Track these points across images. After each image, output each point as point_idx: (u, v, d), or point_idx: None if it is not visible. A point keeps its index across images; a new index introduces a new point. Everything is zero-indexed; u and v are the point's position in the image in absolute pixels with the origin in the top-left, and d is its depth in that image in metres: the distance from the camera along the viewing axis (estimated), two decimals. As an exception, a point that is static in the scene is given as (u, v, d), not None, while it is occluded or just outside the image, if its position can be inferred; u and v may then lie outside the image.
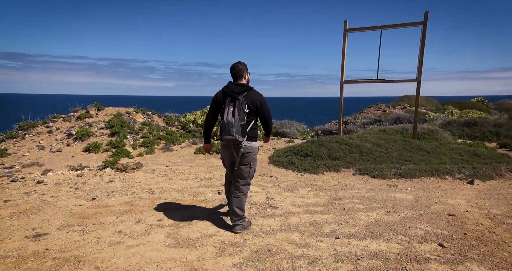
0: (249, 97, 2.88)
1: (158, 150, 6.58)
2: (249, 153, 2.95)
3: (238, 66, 2.95)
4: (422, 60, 8.31)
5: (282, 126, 11.76)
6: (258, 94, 2.96)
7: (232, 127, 2.75)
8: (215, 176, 4.95)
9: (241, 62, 2.99)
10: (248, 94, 2.89)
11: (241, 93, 2.86)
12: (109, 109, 8.33)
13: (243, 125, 2.80)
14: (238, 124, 2.76)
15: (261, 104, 2.92)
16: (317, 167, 5.56)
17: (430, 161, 5.92)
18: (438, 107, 18.43)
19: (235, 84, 2.93)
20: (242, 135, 2.79)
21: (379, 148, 6.51)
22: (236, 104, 2.82)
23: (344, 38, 9.07)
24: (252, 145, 2.96)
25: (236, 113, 2.78)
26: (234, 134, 2.75)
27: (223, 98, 2.92)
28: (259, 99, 2.92)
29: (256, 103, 2.89)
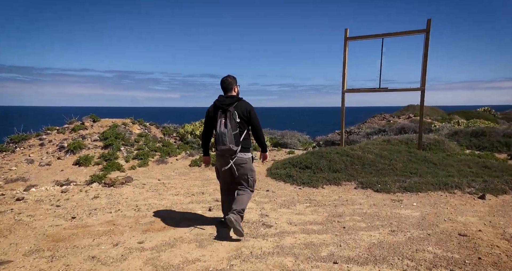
0: (239, 107, 3.01)
1: (152, 162, 6.35)
2: (244, 164, 3.05)
3: (228, 80, 3.11)
4: (425, 69, 8.08)
5: (283, 137, 11.50)
6: (247, 103, 3.10)
7: (225, 137, 2.87)
8: (208, 191, 4.68)
9: (230, 76, 3.15)
10: (237, 104, 3.02)
11: (231, 105, 2.99)
12: (105, 120, 8.17)
13: (236, 134, 2.92)
14: (231, 133, 2.88)
15: (250, 113, 3.04)
16: (316, 180, 5.27)
17: (437, 173, 5.59)
18: (444, 117, 18.07)
19: (225, 97, 3.07)
20: (236, 144, 2.91)
21: (382, 159, 6.21)
22: (227, 115, 2.94)
23: (345, 46, 8.91)
24: (245, 156, 3.05)
25: (228, 123, 2.90)
26: (228, 143, 2.87)
27: (214, 112, 3.05)
28: (248, 108, 3.05)
29: (246, 112, 3.01)
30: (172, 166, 6.32)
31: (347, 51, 8.95)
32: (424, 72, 8.03)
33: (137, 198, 4.13)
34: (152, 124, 9.77)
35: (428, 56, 7.99)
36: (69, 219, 3.38)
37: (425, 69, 8.02)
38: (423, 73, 8.06)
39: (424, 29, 7.97)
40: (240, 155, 3.02)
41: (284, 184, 5.30)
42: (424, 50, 7.97)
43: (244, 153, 3.05)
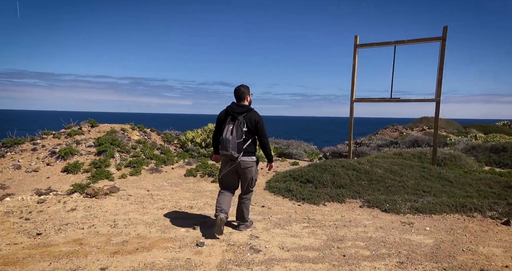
0: (248, 117, 3.18)
1: (145, 171, 6.02)
2: (250, 167, 3.27)
3: (241, 89, 3.27)
4: (441, 79, 7.57)
5: (288, 147, 11.04)
6: (256, 114, 3.26)
7: (229, 144, 3.05)
8: (198, 204, 4.29)
9: (243, 85, 3.31)
10: (247, 114, 3.18)
11: (241, 114, 3.16)
12: (104, 125, 7.95)
13: (240, 142, 3.09)
14: (235, 141, 3.05)
15: (258, 124, 3.20)
16: (318, 196, 4.81)
17: (453, 193, 5.04)
18: (460, 130, 17.26)
19: (237, 105, 3.24)
20: (238, 152, 3.08)
21: (392, 175, 5.70)
22: (235, 123, 3.11)
23: (355, 54, 8.51)
24: (250, 160, 3.26)
25: (234, 131, 3.06)
26: (230, 150, 3.05)
27: (225, 117, 3.24)
28: (257, 119, 3.21)
29: (254, 122, 3.18)
30: (166, 175, 5.97)
31: (356, 58, 8.54)
32: (440, 82, 7.52)
33: (117, 211, 3.77)
34: (153, 130, 9.52)
35: (444, 66, 7.49)
36: (33, 236, 3.03)
37: (440, 79, 7.51)
38: (438, 83, 7.55)
39: (440, 37, 7.50)
40: (245, 159, 3.21)
41: (282, 200, 4.86)
42: (439, 59, 7.48)
43: (249, 157, 3.25)
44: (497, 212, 4.32)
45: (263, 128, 3.27)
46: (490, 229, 3.81)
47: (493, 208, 4.39)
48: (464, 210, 4.36)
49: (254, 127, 3.19)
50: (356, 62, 8.53)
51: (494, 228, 3.87)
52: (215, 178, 5.74)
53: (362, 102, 8.69)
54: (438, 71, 7.51)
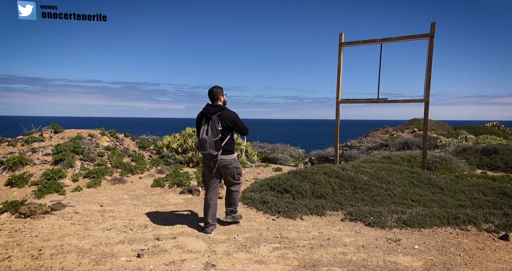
0: (223, 116, 3.34)
1: (107, 182, 5.40)
2: (229, 165, 3.45)
3: (214, 90, 3.42)
4: (430, 78, 7.16)
5: (273, 151, 10.52)
6: (231, 112, 3.42)
7: (206, 143, 3.22)
8: (156, 222, 3.70)
9: (216, 86, 3.46)
10: (221, 113, 3.34)
11: (214, 113, 3.31)
12: (69, 131, 7.32)
13: (216, 141, 3.26)
14: (211, 140, 3.22)
15: (235, 122, 3.40)
16: (295, 208, 4.28)
17: (444, 202, 4.58)
18: (450, 132, 17.01)
19: (210, 105, 3.39)
20: (215, 150, 3.27)
21: (378, 182, 5.21)
22: (210, 123, 3.27)
23: (340, 52, 8.07)
24: (230, 158, 3.44)
25: (209, 130, 3.23)
26: (208, 149, 3.23)
27: (200, 118, 3.43)
28: (232, 115, 3.40)
29: (230, 121, 3.36)
30: (130, 186, 5.37)
31: (342, 57, 8.10)
32: (428, 81, 7.11)
33: (51, 235, 3.15)
34: (127, 135, 8.90)
35: (432, 64, 7.09)
36: None
37: (429, 78, 7.11)
38: (427, 83, 7.14)
39: (428, 34, 7.11)
40: (224, 157, 3.39)
41: (255, 213, 4.32)
42: (428, 57, 7.08)
43: (228, 155, 3.42)
44: (493, 224, 3.85)
45: (240, 123, 3.45)
46: (487, 246, 3.33)
47: (489, 220, 3.93)
48: (457, 223, 3.88)
49: (231, 124, 3.37)
50: (341, 61, 8.09)
51: (491, 244, 3.39)
52: (184, 188, 5.18)
53: (348, 103, 8.26)
54: (426, 69, 7.11)
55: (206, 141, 3.21)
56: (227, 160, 3.41)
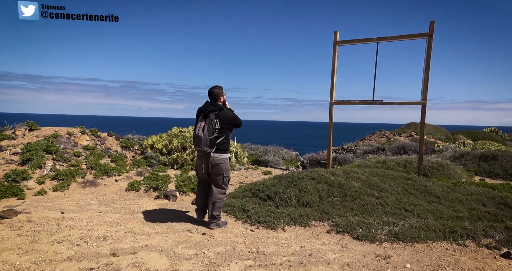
0: (221, 116, 3.40)
1: (77, 184, 5.00)
2: (221, 164, 3.46)
3: (215, 91, 3.49)
4: (427, 79, 6.82)
5: (265, 153, 10.15)
6: (229, 112, 3.52)
7: (201, 141, 3.28)
8: (118, 233, 3.30)
9: (217, 87, 3.52)
10: (219, 113, 3.39)
11: (212, 112, 3.37)
12: (46, 129, 6.91)
13: (212, 139, 3.31)
14: (206, 138, 3.26)
15: (233, 122, 3.51)
16: (277, 218, 3.90)
17: (441, 212, 4.21)
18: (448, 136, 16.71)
19: (210, 104, 3.47)
20: (210, 147, 3.31)
21: (370, 189, 4.85)
22: (207, 121, 3.32)
23: (334, 51, 7.71)
24: (222, 157, 3.47)
25: (206, 128, 3.27)
26: (202, 146, 3.28)
27: (198, 114, 3.48)
28: (230, 114, 3.51)
29: (229, 121, 3.46)
30: (103, 190, 4.97)
31: (336, 56, 7.75)
32: (426, 83, 6.77)
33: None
34: (111, 134, 8.50)
35: (430, 65, 6.75)
36: None
37: (427, 80, 6.76)
38: (424, 85, 6.80)
39: (426, 33, 6.77)
40: (217, 155, 3.41)
41: (234, 223, 3.93)
42: (426, 57, 6.74)
43: (221, 154, 3.45)
44: (493, 239, 3.49)
45: (238, 120, 3.55)
46: (488, 265, 2.96)
47: (489, 234, 3.56)
48: (454, 237, 3.51)
49: (229, 124, 3.46)
50: (336, 60, 7.73)
51: (492, 263, 3.03)
52: (160, 193, 4.79)
53: (342, 105, 7.90)
54: (424, 70, 6.76)
55: (201, 138, 3.26)
56: (220, 159, 3.43)
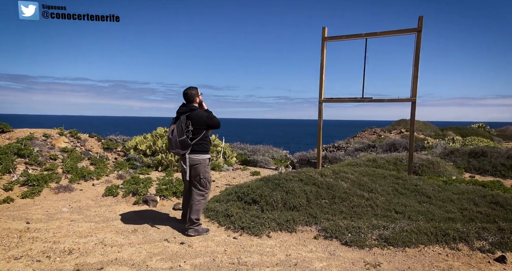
0: (193, 116, 3.39)
1: (50, 190, 4.68)
2: (197, 165, 3.43)
3: (188, 93, 3.49)
4: (417, 76, 6.68)
5: (254, 153, 9.92)
6: (202, 112, 3.48)
7: (172, 143, 3.36)
8: (87, 245, 3.02)
9: (191, 88, 3.51)
10: (191, 114, 3.40)
11: (184, 113, 3.41)
12: (21, 131, 6.54)
13: (183, 140, 3.32)
14: (176, 139, 3.32)
15: (206, 122, 3.45)
16: (262, 223, 3.67)
17: (432, 213, 4.06)
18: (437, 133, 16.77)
19: (182, 106, 3.50)
20: (182, 149, 3.34)
21: (360, 189, 4.67)
22: (177, 123, 3.39)
23: (323, 48, 7.52)
24: (199, 157, 3.43)
25: (175, 130, 3.34)
26: (174, 148, 3.36)
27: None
28: (204, 114, 3.47)
29: (201, 121, 3.42)
30: (78, 195, 4.67)
31: (325, 53, 7.56)
32: (415, 79, 6.63)
33: None
34: (92, 135, 8.14)
35: (419, 60, 6.61)
36: None
37: (416, 77, 6.63)
38: (414, 81, 6.66)
39: (415, 28, 6.63)
40: (193, 156, 3.39)
41: (216, 229, 3.69)
42: (415, 54, 6.60)
43: (197, 155, 3.41)
44: (487, 241, 3.35)
45: (212, 122, 3.46)
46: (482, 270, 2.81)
47: (482, 236, 3.42)
48: (446, 240, 3.36)
49: (201, 124, 3.39)
50: (325, 57, 7.55)
51: (486, 268, 2.88)
52: (139, 198, 4.51)
53: (332, 102, 7.74)
54: (413, 67, 6.63)
55: (171, 140, 3.31)
56: (195, 160, 3.39)
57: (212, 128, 3.51)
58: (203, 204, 3.56)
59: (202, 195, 3.52)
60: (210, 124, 3.46)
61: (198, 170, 3.42)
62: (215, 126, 3.50)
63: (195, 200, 3.48)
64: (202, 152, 3.43)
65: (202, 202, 3.52)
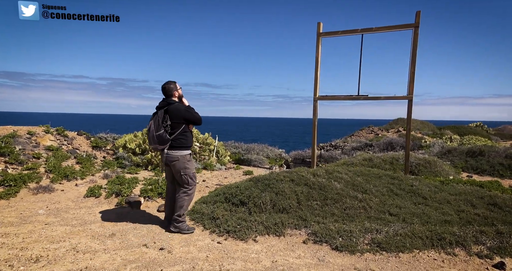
0: (171, 110, 3.28)
1: (28, 191, 4.46)
2: (175, 162, 3.31)
3: (166, 87, 3.37)
4: (413, 73, 6.50)
5: (248, 152, 9.73)
6: (180, 106, 3.35)
7: (149, 139, 3.30)
8: (58, 252, 2.80)
9: (169, 82, 3.39)
10: (169, 108, 3.29)
11: (161, 108, 3.30)
12: (3, 128, 6.32)
13: (160, 135, 3.20)
14: (153, 135, 3.23)
15: (185, 116, 3.32)
16: (248, 227, 3.48)
17: (428, 216, 3.88)
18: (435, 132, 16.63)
19: (162, 100, 3.38)
20: (159, 144, 3.24)
21: (353, 190, 4.48)
22: (154, 118, 3.29)
23: (318, 44, 7.32)
24: (177, 154, 3.31)
25: (153, 125, 3.24)
26: (152, 143, 3.27)
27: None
28: (182, 108, 3.34)
29: (180, 115, 3.29)
30: (58, 196, 4.45)
31: (320, 49, 7.37)
32: (412, 76, 6.45)
33: None
34: (81, 133, 7.91)
35: (416, 57, 6.43)
36: None
37: (413, 73, 6.45)
38: (410, 78, 6.48)
39: (412, 24, 6.44)
40: (171, 152, 3.29)
41: (200, 233, 3.49)
42: (412, 50, 6.41)
43: (175, 150, 3.29)
44: (485, 246, 3.17)
45: (191, 115, 3.34)
46: (480, 279, 2.63)
47: (480, 240, 3.24)
48: (442, 245, 3.18)
49: (180, 118, 3.28)
50: (320, 53, 7.35)
51: (485, 275, 2.69)
52: (122, 199, 4.30)
53: (327, 100, 7.55)
54: (410, 63, 6.44)
55: (148, 135, 3.26)
56: (173, 156, 3.28)
57: (191, 123, 3.39)
58: (187, 200, 3.44)
59: (185, 192, 3.42)
60: (189, 118, 3.33)
61: (178, 166, 3.31)
62: (194, 121, 3.38)
63: (178, 197, 3.41)
64: (181, 148, 3.31)
65: (185, 199, 3.42)
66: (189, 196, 3.44)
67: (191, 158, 3.44)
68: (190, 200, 3.51)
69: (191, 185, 3.44)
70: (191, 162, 3.42)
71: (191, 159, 3.42)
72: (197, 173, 7.04)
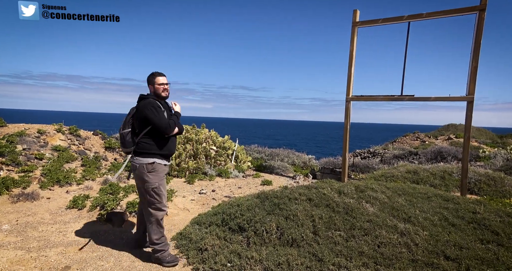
0: (139, 107, 2.73)
1: (8, 198, 3.95)
2: (135, 171, 2.73)
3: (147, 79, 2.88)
4: (476, 67, 5.19)
5: (272, 157, 8.80)
6: (144, 103, 2.70)
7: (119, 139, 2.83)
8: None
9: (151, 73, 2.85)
10: (139, 103, 2.76)
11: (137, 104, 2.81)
12: (14, 126, 6.13)
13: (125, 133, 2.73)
14: (120, 132, 2.78)
15: (145, 113, 2.64)
16: (242, 267, 2.58)
17: (504, 262, 2.67)
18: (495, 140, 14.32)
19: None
20: (124, 146, 2.74)
21: (392, 216, 3.39)
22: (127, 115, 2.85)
23: (353, 35, 6.27)
24: (136, 162, 2.71)
25: (122, 123, 2.80)
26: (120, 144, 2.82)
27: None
28: (146, 107, 2.66)
29: (142, 113, 2.66)
30: (38, 206, 3.89)
31: (355, 41, 6.30)
32: (474, 71, 5.14)
33: None
34: (97, 133, 7.61)
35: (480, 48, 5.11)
36: None
37: (475, 68, 5.14)
38: (472, 75, 5.17)
39: (476, 6, 5.16)
40: (132, 159, 2.75)
41: (181, 269, 2.67)
42: (474, 40, 5.11)
43: (136, 157, 2.71)
44: None
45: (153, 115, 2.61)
46: None
47: None
48: None
49: (144, 118, 2.65)
50: (355, 46, 6.28)
51: None
52: (104, 213, 3.65)
53: (362, 100, 6.43)
54: (472, 56, 5.13)
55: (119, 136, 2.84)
56: (133, 164, 2.72)
57: (153, 126, 2.64)
58: (154, 224, 2.74)
59: (149, 212, 2.72)
60: (151, 120, 2.61)
61: (139, 177, 2.69)
62: (157, 125, 2.62)
63: (147, 220, 2.76)
64: (143, 155, 2.66)
65: (153, 222, 2.73)
66: (155, 218, 2.73)
67: (158, 169, 2.69)
68: (158, 224, 2.76)
69: (157, 204, 2.71)
70: (155, 174, 2.68)
71: (156, 170, 2.67)
72: (210, 180, 6.30)
